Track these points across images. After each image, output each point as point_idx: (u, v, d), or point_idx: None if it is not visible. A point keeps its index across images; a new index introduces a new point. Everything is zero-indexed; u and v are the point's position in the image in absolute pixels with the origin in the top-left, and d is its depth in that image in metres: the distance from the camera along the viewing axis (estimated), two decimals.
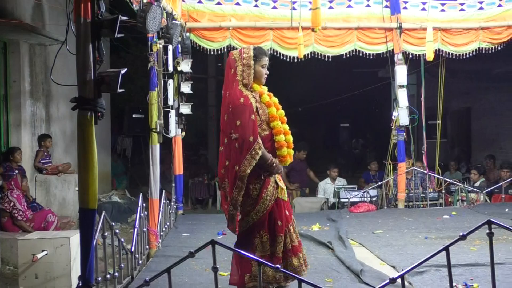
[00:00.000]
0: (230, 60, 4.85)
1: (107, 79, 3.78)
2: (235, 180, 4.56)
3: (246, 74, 4.75)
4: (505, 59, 13.17)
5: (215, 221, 8.83)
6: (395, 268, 5.61)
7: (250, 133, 4.54)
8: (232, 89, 4.72)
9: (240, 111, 4.58)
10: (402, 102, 9.57)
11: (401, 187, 9.78)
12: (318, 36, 9.37)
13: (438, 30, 9.63)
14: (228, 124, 4.68)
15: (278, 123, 4.78)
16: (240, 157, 4.52)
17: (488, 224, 3.51)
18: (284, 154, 4.79)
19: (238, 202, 4.60)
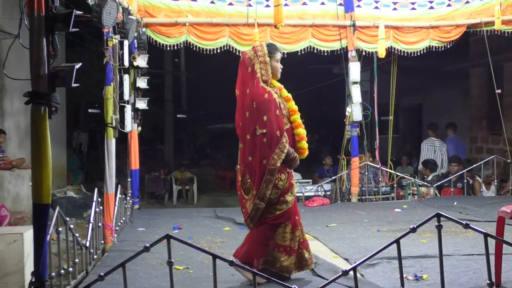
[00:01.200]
0: (244, 60, 4.96)
1: (62, 74, 3.72)
2: (264, 174, 4.69)
3: (264, 71, 4.89)
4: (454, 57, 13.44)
5: (171, 215, 8.79)
6: (348, 260, 5.67)
7: (277, 127, 4.70)
8: (253, 87, 4.83)
9: (266, 107, 4.72)
10: (355, 98, 9.67)
11: (354, 182, 9.89)
12: (274, 33, 9.38)
13: (390, 28, 9.74)
14: (251, 121, 4.79)
15: (298, 116, 4.98)
16: (269, 151, 4.68)
17: (437, 217, 3.57)
18: (304, 147, 4.97)
19: (266, 195, 4.72)
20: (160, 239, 3.57)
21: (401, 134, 19.48)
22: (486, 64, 9.84)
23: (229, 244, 6.56)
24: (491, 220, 6.90)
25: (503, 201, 8.20)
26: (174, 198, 15.22)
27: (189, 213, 9.08)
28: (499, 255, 4.49)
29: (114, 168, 7.00)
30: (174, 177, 15.49)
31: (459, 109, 15.91)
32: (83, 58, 14.70)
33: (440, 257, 3.56)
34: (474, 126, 14.49)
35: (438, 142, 12.09)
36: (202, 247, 4.29)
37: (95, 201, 6.26)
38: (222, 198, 16.39)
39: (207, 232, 7.39)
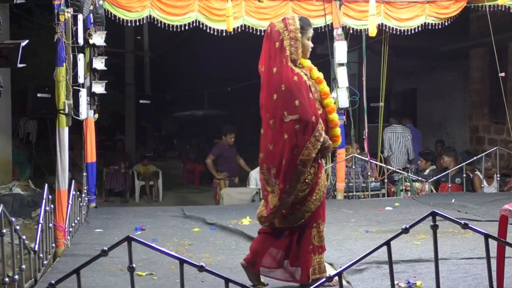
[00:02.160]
0: (273, 32, 4.92)
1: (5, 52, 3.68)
2: (295, 166, 4.70)
3: (294, 48, 4.86)
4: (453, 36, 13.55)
5: (133, 215, 8.77)
6: (332, 265, 5.69)
7: (312, 113, 4.68)
8: (281, 66, 4.81)
9: (296, 90, 4.71)
10: (341, 82, 9.69)
11: (340, 176, 9.93)
12: (250, 8, 9.36)
13: (381, 2, 9.76)
14: (279, 105, 4.79)
15: (331, 100, 4.99)
16: (303, 139, 4.68)
17: (432, 216, 3.60)
18: (337, 134, 4.98)
19: (296, 189, 4.75)
20: (120, 242, 3.56)
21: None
22: (488, 44, 9.95)
23: (198, 247, 6.57)
24: (493, 219, 6.98)
25: (506, 198, 8.31)
26: (137, 195, 15.19)
27: (154, 212, 9.06)
28: (502, 258, 4.54)
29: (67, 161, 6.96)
30: (136, 171, 15.45)
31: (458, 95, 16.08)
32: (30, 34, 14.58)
33: (436, 261, 3.60)
34: (475, 113, 14.66)
35: (400, 128, 12.73)
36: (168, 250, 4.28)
37: (45, 199, 6.20)
38: (190, 195, 16.41)
39: (174, 233, 7.38)
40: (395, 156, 12.52)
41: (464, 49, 14.91)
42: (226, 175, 11.63)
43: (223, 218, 8.15)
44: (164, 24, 9.23)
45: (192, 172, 18.66)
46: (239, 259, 5.96)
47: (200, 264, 3.47)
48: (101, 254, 3.50)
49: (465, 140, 15.39)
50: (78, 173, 9.76)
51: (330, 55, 10.07)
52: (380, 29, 9.94)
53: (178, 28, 9.32)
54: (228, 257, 6.12)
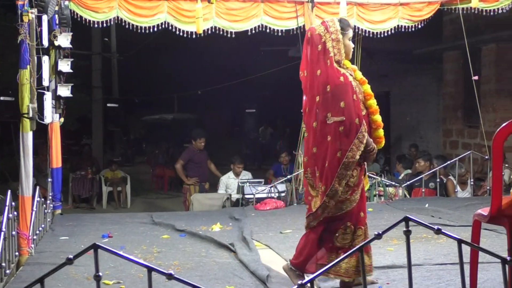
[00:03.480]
0: (314, 36, 5.02)
1: None
2: (337, 168, 4.76)
3: (336, 50, 4.95)
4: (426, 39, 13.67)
5: (100, 221, 8.70)
6: None
7: (356, 114, 4.76)
8: (326, 68, 4.88)
9: (342, 91, 4.79)
10: None
11: None
12: (220, 9, 9.35)
13: (353, 4, 9.81)
14: (323, 107, 4.85)
15: (375, 101, 5.04)
16: (347, 142, 4.74)
17: (405, 221, 3.62)
18: (381, 135, 5.05)
19: (338, 192, 4.81)
20: (86, 249, 3.52)
21: None
22: (461, 46, 10.06)
23: (168, 254, 6.55)
24: (467, 224, 7.04)
25: (480, 203, 8.38)
26: (104, 201, 15.08)
27: (121, 219, 9.00)
28: (475, 264, 4.59)
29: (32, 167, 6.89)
30: (103, 176, 15.34)
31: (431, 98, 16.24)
32: None
33: (409, 267, 3.61)
34: (448, 117, 14.80)
35: None
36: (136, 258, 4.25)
37: (8, 206, 6.14)
38: (160, 200, 16.34)
39: (142, 240, 7.34)
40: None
41: (438, 52, 15.06)
42: (196, 181, 11.60)
43: (193, 225, 8.12)
44: (132, 25, 9.18)
45: (161, 177, 18.58)
46: (209, 266, 5.99)
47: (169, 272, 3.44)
48: (66, 262, 3.46)
49: (439, 144, 15.53)
50: (43, 179, 9.67)
51: None
52: (353, 32, 9.98)
53: (147, 29, 9.29)
54: (198, 264, 6.11)
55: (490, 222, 4.39)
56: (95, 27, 9.42)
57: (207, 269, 5.88)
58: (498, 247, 6.05)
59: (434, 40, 14.54)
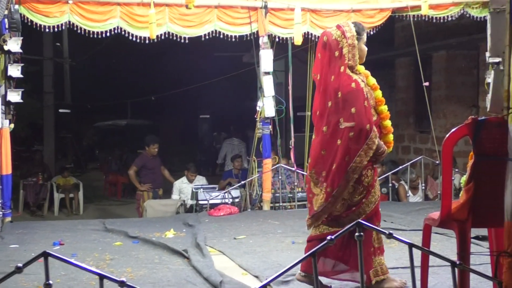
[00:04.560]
0: (330, 41, 5.03)
1: None
2: (345, 172, 4.83)
3: (351, 55, 4.99)
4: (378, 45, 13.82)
5: (51, 229, 8.59)
6: (258, 278, 5.71)
7: (367, 120, 4.81)
8: (339, 74, 4.93)
9: (354, 97, 4.84)
10: (267, 91, 9.76)
11: (266, 187, 9.98)
12: (173, 15, 9.34)
13: (307, 11, 9.90)
14: (334, 112, 4.90)
15: (386, 107, 5.09)
16: (356, 147, 4.81)
17: (358, 226, 3.66)
18: (390, 140, 5.12)
19: (342, 195, 4.87)
20: (35, 257, 3.47)
21: None
22: (413, 53, 10.20)
23: (120, 261, 6.49)
24: (418, 228, 7.13)
25: (431, 207, 8.50)
26: (56, 208, 14.88)
27: (74, 226, 8.90)
28: (425, 267, 4.66)
29: None
30: (55, 183, 15.15)
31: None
32: None
33: (361, 272, 3.65)
34: (401, 123, 14.99)
35: (237, 141, 15.52)
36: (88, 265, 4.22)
37: None
38: (113, 207, 16.20)
39: (95, 248, 7.26)
40: (227, 164, 14.72)
41: (390, 59, 15.25)
42: (150, 187, 11.54)
43: (146, 231, 8.07)
44: (84, 30, 9.11)
45: (114, 183, 18.42)
46: (163, 273, 5.95)
47: (121, 279, 3.42)
48: (15, 271, 3.41)
49: None
50: None
51: (256, 64, 10.14)
52: (306, 38, 10.07)
53: (99, 34, 9.22)
54: (151, 271, 6.06)
55: (440, 226, 4.47)
56: (46, 31, 9.32)
57: (160, 276, 5.84)
58: (448, 251, 6.14)
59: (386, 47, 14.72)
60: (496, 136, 3.94)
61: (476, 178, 4.09)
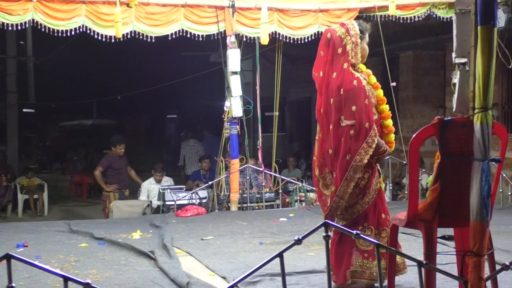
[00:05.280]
0: (334, 38, 5.05)
1: None
2: (346, 171, 4.82)
3: (353, 53, 5.03)
4: None
5: (15, 230, 8.48)
6: (225, 278, 5.71)
7: (367, 119, 4.82)
8: (342, 71, 4.96)
9: (355, 95, 4.86)
10: (235, 90, 9.77)
11: (234, 187, 9.98)
12: (140, 14, 9.29)
13: (274, 10, 9.92)
14: (336, 110, 4.92)
15: (387, 106, 5.12)
16: (356, 145, 4.81)
17: (325, 227, 3.68)
18: (392, 140, 5.13)
19: (347, 193, 4.86)
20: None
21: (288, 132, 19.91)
22: (380, 53, 10.26)
23: (86, 263, 6.44)
24: None
25: (398, 207, 8.55)
26: (20, 210, 14.73)
27: (38, 227, 8.81)
28: (392, 266, 4.71)
29: None
30: (19, 184, 15.00)
31: None
32: None
33: (328, 272, 3.67)
34: None
35: (193, 141, 16.22)
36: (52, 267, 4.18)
37: None
38: (78, 208, 16.09)
39: (59, 249, 7.20)
40: (187, 165, 15.48)
41: None
42: (116, 187, 11.46)
43: (112, 232, 8.03)
44: (48, 28, 9.02)
45: (80, 184, 18.29)
46: (129, 274, 5.93)
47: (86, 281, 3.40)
48: None
49: None
50: None
51: (223, 63, 10.13)
52: (274, 37, 10.09)
53: (64, 33, 9.13)
54: (117, 272, 6.03)
55: (407, 226, 4.50)
56: (9, 29, 9.20)
57: (126, 278, 5.81)
58: (415, 251, 6.21)
59: None
60: (462, 136, 3.99)
61: (443, 178, 4.13)
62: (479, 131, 3.39)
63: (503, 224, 8.10)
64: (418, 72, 13.61)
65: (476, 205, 3.43)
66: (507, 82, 11.37)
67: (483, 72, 3.36)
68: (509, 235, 7.46)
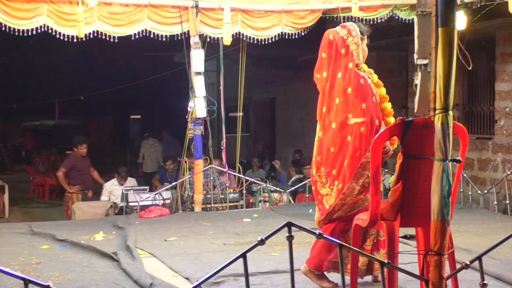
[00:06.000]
0: (337, 39, 5.16)
1: None
2: (355, 168, 4.87)
3: (356, 53, 5.10)
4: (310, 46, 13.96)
5: None
6: (189, 279, 5.71)
7: (376, 116, 4.93)
8: (348, 71, 5.06)
9: (363, 93, 4.97)
10: (198, 91, 9.74)
11: (197, 188, 9.96)
12: (102, 13, 9.21)
13: (238, 11, 9.92)
14: (342, 108, 5.00)
15: (390, 104, 5.25)
16: (367, 142, 4.84)
17: (288, 227, 3.69)
18: (394, 138, 5.04)
19: (355, 190, 4.91)
20: None
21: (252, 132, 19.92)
22: None
23: (47, 265, 6.37)
24: None
25: None
26: None
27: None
28: (355, 266, 4.74)
29: None
30: None
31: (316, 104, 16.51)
32: None
33: (291, 272, 3.67)
34: None
35: (152, 141, 16.54)
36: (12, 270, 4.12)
37: None
38: (40, 210, 15.90)
39: (20, 252, 7.11)
40: (146, 163, 16.00)
41: None
42: (79, 189, 11.36)
43: (74, 234, 7.95)
44: (9, 28, 8.90)
45: (42, 185, 18.07)
46: (91, 276, 5.88)
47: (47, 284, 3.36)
48: None
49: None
50: None
51: (187, 64, 10.10)
52: (238, 38, 10.09)
53: (25, 32, 9.02)
54: (79, 274, 5.97)
55: (369, 226, 4.54)
56: None
57: (88, 280, 5.76)
58: None
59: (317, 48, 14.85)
60: (423, 136, 4.03)
61: (404, 178, 4.18)
62: (440, 131, 3.42)
63: (463, 224, 8.21)
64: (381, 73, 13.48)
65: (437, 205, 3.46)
66: (468, 83, 11.51)
67: (444, 73, 3.39)
68: (470, 234, 7.57)
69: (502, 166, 10.44)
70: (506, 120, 10.34)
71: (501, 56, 10.46)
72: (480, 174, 10.94)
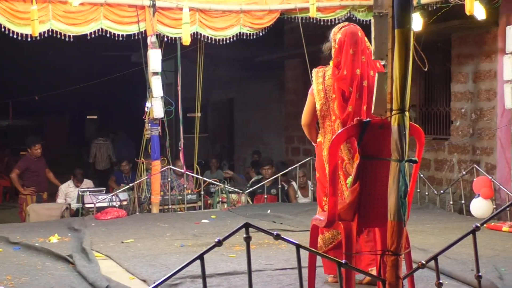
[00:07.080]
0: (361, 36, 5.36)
1: None
2: None
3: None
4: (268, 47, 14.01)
5: None
6: (146, 281, 5.67)
7: None
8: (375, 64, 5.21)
9: None
10: (156, 91, 9.69)
11: (155, 189, 9.91)
12: (57, 12, 9.09)
13: (195, 11, 9.87)
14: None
15: None
16: None
17: (246, 228, 3.68)
18: None
19: None
20: None
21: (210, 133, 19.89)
22: (302, 55, 10.36)
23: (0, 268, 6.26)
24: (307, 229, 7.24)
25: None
26: None
27: None
28: (313, 267, 4.76)
29: None
30: None
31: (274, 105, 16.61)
32: None
33: (249, 273, 3.67)
34: (290, 124, 15.20)
35: (102, 140, 16.98)
36: None
37: None
38: None
39: None
40: (98, 162, 16.52)
41: (279, 60, 15.45)
42: (33, 190, 11.22)
43: (29, 237, 7.84)
44: None
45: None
46: (45, 279, 5.81)
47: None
48: None
49: (281, 150, 15.94)
50: None
51: (144, 64, 10.04)
52: (196, 38, 10.06)
53: None
54: (34, 278, 5.89)
55: (327, 227, 4.56)
56: None
57: (43, 283, 5.68)
58: None
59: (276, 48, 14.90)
60: (380, 137, 4.07)
61: (362, 179, 4.21)
62: (396, 132, 3.45)
63: (420, 223, 8.31)
64: None
65: (394, 205, 3.50)
66: (424, 84, 11.65)
67: (400, 74, 3.43)
68: (426, 234, 7.67)
69: (458, 167, 10.59)
70: (462, 121, 10.49)
71: (456, 57, 10.60)
72: (436, 174, 11.08)
